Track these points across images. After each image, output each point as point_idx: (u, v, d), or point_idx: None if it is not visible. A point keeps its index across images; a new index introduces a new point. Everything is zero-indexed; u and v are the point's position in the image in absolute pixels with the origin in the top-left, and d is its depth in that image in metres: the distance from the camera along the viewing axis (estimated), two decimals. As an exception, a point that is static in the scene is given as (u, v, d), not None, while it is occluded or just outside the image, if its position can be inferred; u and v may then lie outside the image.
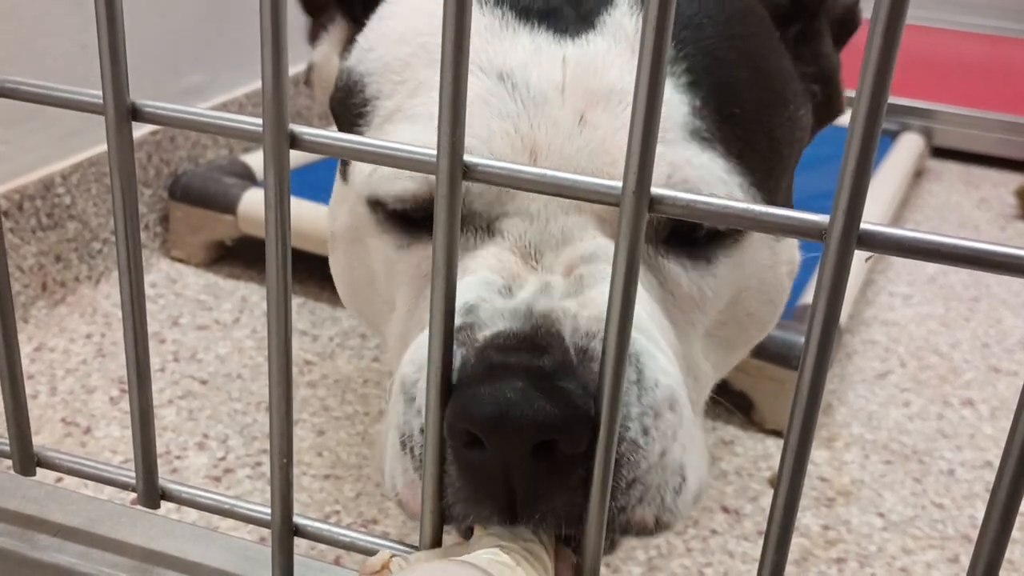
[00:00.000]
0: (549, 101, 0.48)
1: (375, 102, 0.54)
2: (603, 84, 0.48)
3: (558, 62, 0.49)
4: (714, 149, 0.49)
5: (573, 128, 0.48)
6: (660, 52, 0.28)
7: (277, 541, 0.40)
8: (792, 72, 0.57)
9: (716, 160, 0.49)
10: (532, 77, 0.49)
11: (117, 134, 0.35)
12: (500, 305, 0.46)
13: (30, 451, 0.45)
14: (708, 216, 0.30)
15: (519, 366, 0.42)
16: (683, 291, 0.52)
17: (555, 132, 0.48)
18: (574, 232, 0.49)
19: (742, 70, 0.51)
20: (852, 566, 0.84)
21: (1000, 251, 0.28)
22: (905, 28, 0.27)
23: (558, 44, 0.50)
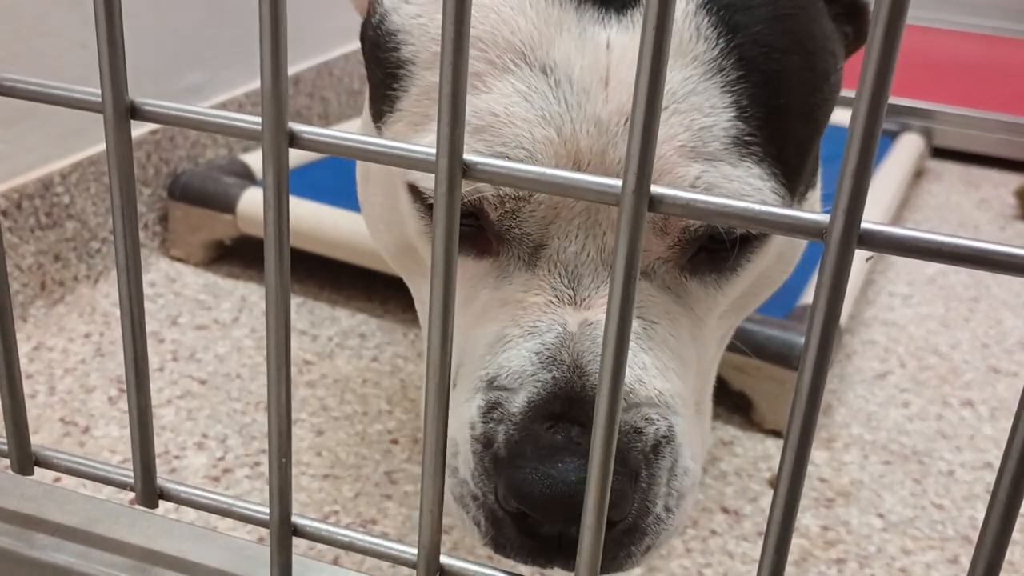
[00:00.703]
0: (592, 98, 0.47)
1: (411, 67, 0.51)
2: None
3: (602, 50, 0.47)
4: (752, 155, 0.48)
5: (618, 132, 0.47)
6: (661, 52, 0.28)
7: (276, 541, 0.40)
8: (832, 32, 0.54)
9: (752, 168, 0.48)
10: (575, 70, 0.47)
11: (116, 132, 0.35)
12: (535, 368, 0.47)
13: (28, 450, 0.45)
14: (708, 215, 0.30)
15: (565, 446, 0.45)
16: (703, 305, 0.52)
17: (599, 134, 0.47)
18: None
19: (793, 57, 0.49)
20: (852, 567, 0.84)
21: (1001, 250, 0.28)
22: (905, 28, 0.27)
23: (601, 24, 0.47)
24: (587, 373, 0.46)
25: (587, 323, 0.48)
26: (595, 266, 0.48)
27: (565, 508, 0.44)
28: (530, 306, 0.49)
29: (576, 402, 0.46)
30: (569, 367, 0.46)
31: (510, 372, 0.47)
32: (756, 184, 0.48)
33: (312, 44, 1.45)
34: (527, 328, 0.48)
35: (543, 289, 0.48)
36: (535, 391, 0.46)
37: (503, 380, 0.48)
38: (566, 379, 0.46)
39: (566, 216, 0.48)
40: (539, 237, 0.49)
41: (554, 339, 0.47)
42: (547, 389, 0.46)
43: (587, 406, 0.45)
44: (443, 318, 0.34)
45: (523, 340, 0.48)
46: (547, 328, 0.47)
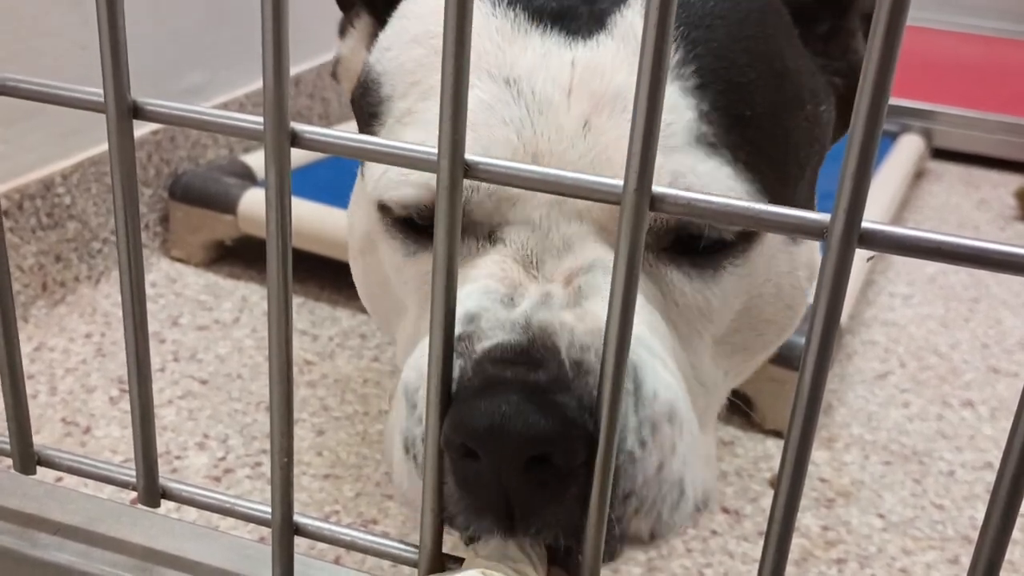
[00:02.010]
0: (554, 106, 0.48)
1: (389, 102, 0.54)
2: (609, 88, 0.48)
3: (567, 66, 0.49)
4: (720, 155, 0.49)
5: (577, 134, 0.48)
6: (661, 52, 0.28)
7: (277, 540, 0.40)
8: (812, 69, 0.55)
9: (722, 167, 0.48)
10: (538, 82, 0.48)
11: (118, 132, 0.35)
12: (501, 316, 0.46)
13: (31, 449, 0.45)
14: (709, 215, 0.30)
15: (515, 380, 0.42)
16: (687, 300, 0.52)
17: (558, 138, 0.48)
18: (574, 241, 0.49)
19: (754, 72, 0.50)
20: (852, 567, 0.84)
21: (1001, 250, 0.28)
22: (906, 29, 0.27)
23: (568, 47, 0.49)
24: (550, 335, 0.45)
25: (548, 295, 0.47)
26: (558, 252, 0.48)
27: (500, 436, 0.40)
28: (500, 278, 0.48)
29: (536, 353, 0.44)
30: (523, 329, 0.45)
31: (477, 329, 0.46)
32: (728, 183, 0.48)
33: (313, 45, 1.45)
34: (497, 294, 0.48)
35: (507, 268, 0.48)
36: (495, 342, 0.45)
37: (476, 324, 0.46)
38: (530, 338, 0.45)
39: (530, 207, 0.48)
40: (491, 225, 0.49)
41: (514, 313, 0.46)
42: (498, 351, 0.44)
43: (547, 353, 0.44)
44: (444, 320, 0.34)
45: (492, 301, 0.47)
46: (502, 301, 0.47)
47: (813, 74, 0.55)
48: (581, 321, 0.46)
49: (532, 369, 0.43)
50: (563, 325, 0.45)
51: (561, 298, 0.47)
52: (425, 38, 0.52)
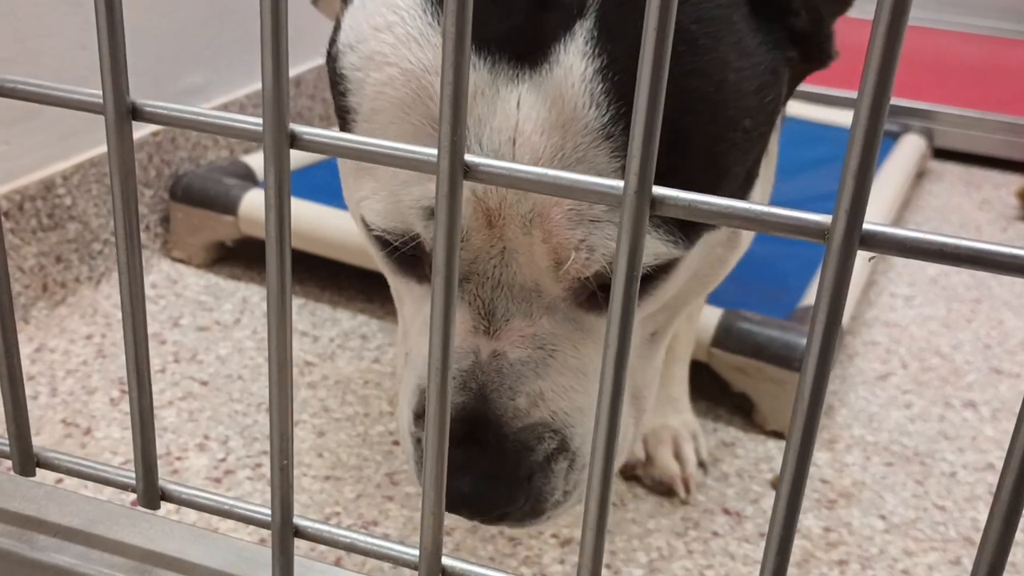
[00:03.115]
0: (501, 157, 0.50)
1: (354, 115, 0.55)
2: (547, 147, 0.49)
3: (512, 107, 0.49)
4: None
5: (518, 193, 0.51)
6: (661, 54, 0.28)
7: (277, 542, 0.40)
8: (759, 66, 0.53)
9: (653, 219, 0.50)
10: (485, 134, 0.50)
11: (117, 134, 0.35)
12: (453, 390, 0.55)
13: (30, 451, 0.45)
14: (710, 216, 0.30)
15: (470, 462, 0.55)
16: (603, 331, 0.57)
17: (502, 195, 0.51)
18: (526, 299, 0.55)
19: (689, 117, 0.50)
20: (854, 568, 0.84)
21: (1003, 251, 0.28)
22: (907, 29, 0.27)
23: (514, 82, 0.49)
24: (489, 400, 0.55)
25: (495, 353, 0.55)
26: (506, 301, 0.55)
27: (470, 509, 0.55)
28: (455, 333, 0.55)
29: (478, 425, 0.55)
30: (475, 394, 0.55)
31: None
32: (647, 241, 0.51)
33: (313, 45, 1.45)
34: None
35: (464, 319, 0.56)
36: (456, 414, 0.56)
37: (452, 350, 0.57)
38: (472, 404, 0.55)
39: (484, 258, 0.54)
40: (464, 272, 0.55)
41: (468, 365, 0.56)
42: (456, 412, 0.55)
43: (487, 429, 0.55)
44: (444, 319, 0.34)
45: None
46: (463, 356, 0.56)
47: (759, 67, 0.53)
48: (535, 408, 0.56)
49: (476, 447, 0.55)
50: (516, 413, 0.55)
51: (510, 361, 0.55)
52: (383, 63, 0.52)
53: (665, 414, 0.94)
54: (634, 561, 0.83)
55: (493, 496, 0.55)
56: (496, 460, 0.55)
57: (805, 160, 1.48)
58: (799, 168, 1.44)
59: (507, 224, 0.52)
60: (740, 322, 1.00)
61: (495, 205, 0.52)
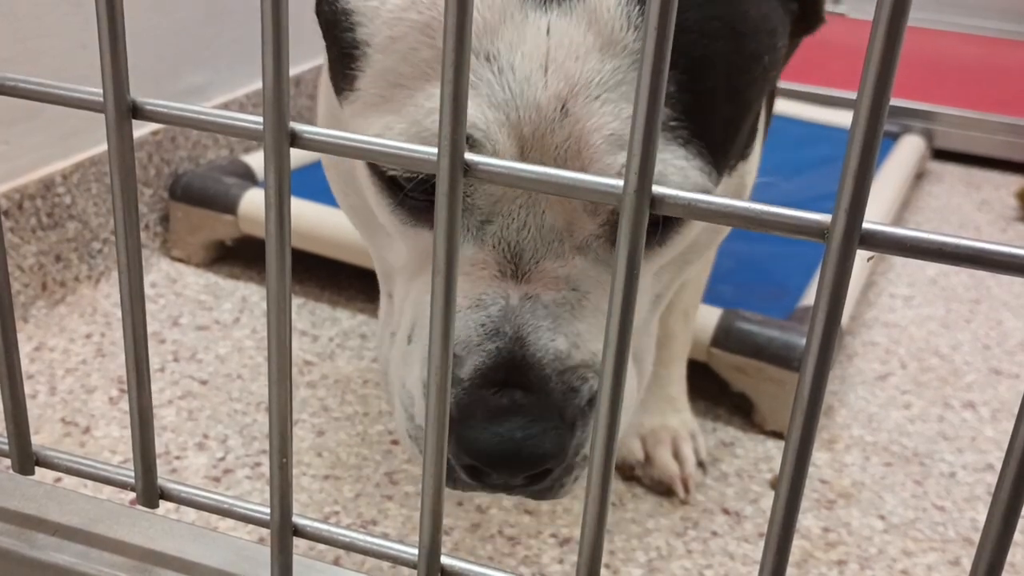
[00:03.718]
0: (532, 84, 0.49)
1: (366, 48, 0.52)
2: (583, 72, 0.48)
3: (543, 34, 0.49)
4: (677, 138, 0.50)
5: (555, 119, 0.49)
6: (662, 54, 0.28)
7: (276, 541, 0.40)
8: (773, 11, 0.55)
9: (677, 150, 0.50)
10: (516, 58, 0.49)
11: (117, 132, 0.35)
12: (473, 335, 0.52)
13: (29, 450, 0.45)
14: (709, 215, 0.30)
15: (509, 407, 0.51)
16: None
17: (539, 120, 0.49)
18: (557, 239, 0.52)
19: (721, 42, 0.51)
20: (853, 568, 0.84)
21: (1002, 250, 0.28)
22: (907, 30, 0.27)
23: (543, 9, 0.49)
24: (527, 343, 0.52)
25: (527, 296, 0.52)
26: (534, 242, 0.52)
27: (513, 461, 0.51)
28: (477, 280, 0.53)
29: (518, 369, 0.51)
30: (511, 338, 0.52)
31: (458, 341, 0.52)
32: (680, 164, 0.51)
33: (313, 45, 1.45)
34: (474, 300, 0.53)
35: (488, 264, 0.52)
36: (481, 360, 0.52)
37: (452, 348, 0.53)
38: (508, 349, 0.52)
39: (510, 195, 0.51)
40: (487, 213, 0.52)
41: (497, 312, 0.52)
42: (491, 358, 0.51)
43: (528, 372, 0.51)
44: (444, 318, 0.34)
45: (470, 312, 0.53)
46: (491, 301, 0.52)
47: (774, 12, 0.55)
48: (576, 351, 0.52)
49: (519, 391, 0.51)
50: (558, 355, 0.52)
51: (547, 304, 0.52)
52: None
53: (664, 414, 0.94)
54: (633, 561, 0.83)
55: (543, 443, 0.50)
56: (543, 403, 0.51)
57: (805, 160, 1.48)
58: (799, 168, 1.44)
59: (541, 155, 0.50)
60: (740, 322, 1.00)
61: (529, 133, 0.49)
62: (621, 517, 0.88)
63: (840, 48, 1.93)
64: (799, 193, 1.35)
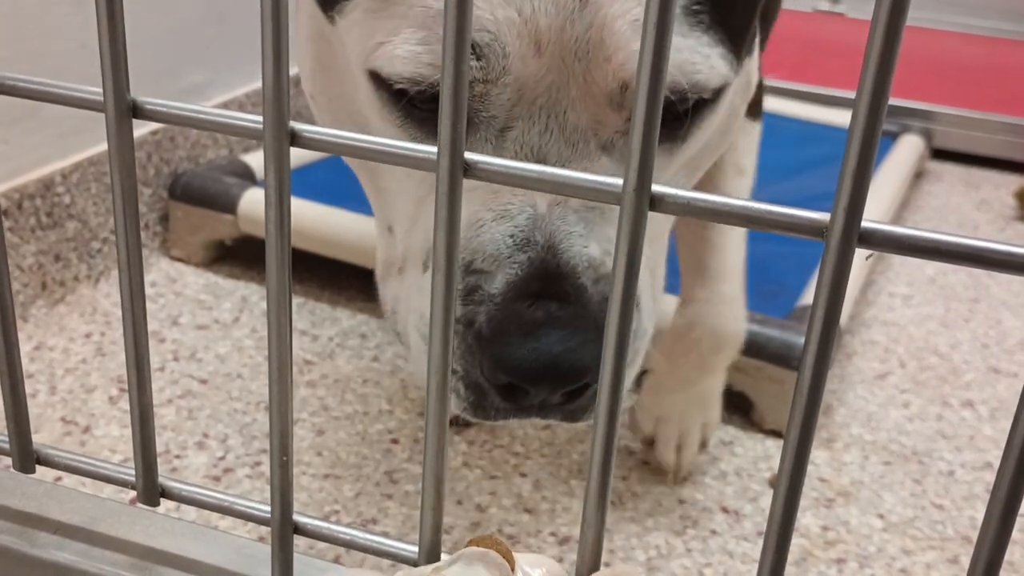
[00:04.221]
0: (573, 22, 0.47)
1: None
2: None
3: None
4: (701, 24, 0.48)
5: (575, 7, 0.47)
6: (661, 51, 0.28)
7: (277, 539, 0.40)
8: None
9: (701, 37, 0.49)
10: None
11: (117, 131, 0.35)
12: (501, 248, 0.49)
13: (30, 448, 0.45)
14: (708, 214, 0.30)
15: (545, 320, 0.48)
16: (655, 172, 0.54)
17: (555, 12, 0.47)
18: (582, 138, 0.49)
19: None
20: (852, 566, 0.84)
21: (1001, 249, 0.28)
22: (905, 29, 0.27)
23: None
24: (560, 251, 0.49)
25: (556, 202, 0.49)
26: (558, 145, 0.50)
27: (553, 376, 0.48)
28: (500, 189, 0.50)
29: (552, 279, 0.48)
30: (543, 247, 0.49)
31: (486, 255, 0.50)
32: (705, 52, 0.49)
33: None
34: (499, 211, 0.50)
35: None
36: (512, 272, 0.49)
37: (480, 263, 0.50)
38: (541, 258, 0.49)
39: (529, 97, 0.49)
40: (504, 120, 0.49)
41: (526, 220, 0.49)
42: (524, 269, 0.48)
43: (563, 282, 0.48)
44: (443, 316, 0.34)
45: (496, 223, 0.50)
46: (518, 211, 0.49)
47: None
48: (609, 257, 0.48)
49: (563, 306, 0.48)
50: (591, 262, 0.49)
51: (574, 209, 0.49)
52: None
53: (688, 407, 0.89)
54: (633, 559, 0.83)
55: (583, 355, 0.47)
56: (580, 314, 0.48)
57: (805, 160, 1.48)
58: (799, 168, 1.44)
59: (560, 49, 0.47)
60: (739, 321, 1.00)
61: (546, 26, 0.46)
62: (621, 516, 0.88)
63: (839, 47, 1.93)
64: (798, 192, 1.35)
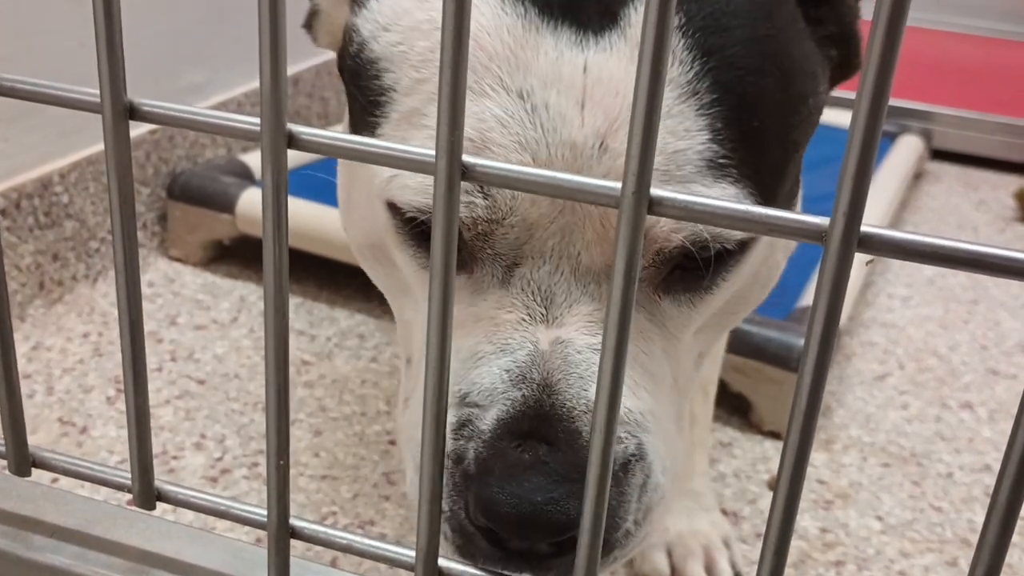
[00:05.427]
0: (568, 122, 0.47)
1: (392, 94, 0.51)
2: (624, 104, 0.46)
3: (579, 72, 0.47)
4: (727, 176, 0.48)
5: (592, 155, 0.47)
6: (660, 53, 0.28)
7: (273, 543, 0.40)
8: (813, 54, 0.53)
9: (727, 188, 0.48)
10: (551, 95, 0.47)
11: (114, 133, 0.35)
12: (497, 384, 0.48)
13: (26, 451, 0.44)
14: (708, 218, 0.30)
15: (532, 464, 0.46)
16: (676, 322, 0.52)
17: (572, 157, 0.47)
18: (593, 279, 0.48)
19: (768, 79, 0.49)
20: (850, 569, 0.84)
21: (1000, 254, 0.28)
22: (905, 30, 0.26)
23: (580, 47, 0.47)
24: (556, 391, 0.47)
25: (558, 341, 0.48)
26: (568, 284, 0.49)
27: (531, 525, 0.45)
28: (503, 323, 0.49)
29: (545, 420, 0.47)
30: (539, 385, 0.47)
31: (481, 389, 0.48)
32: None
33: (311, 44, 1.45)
34: (499, 345, 0.49)
35: (516, 307, 0.49)
36: (504, 409, 0.47)
37: (474, 396, 0.49)
38: (535, 397, 0.47)
39: (540, 236, 0.48)
40: (512, 257, 0.49)
41: (525, 357, 0.48)
42: (516, 407, 0.47)
43: (556, 424, 0.46)
44: (442, 322, 0.34)
45: (495, 357, 0.49)
46: (518, 346, 0.48)
47: (813, 55, 0.54)
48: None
49: (552, 451, 0.46)
50: (588, 406, 0.47)
51: (577, 348, 0.48)
52: (431, 30, 0.50)
53: (691, 515, 0.83)
54: (631, 562, 0.83)
55: (567, 508, 0.44)
56: (570, 461, 0.45)
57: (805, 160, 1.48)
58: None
59: None
60: (737, 322, 1.00)
61: (563, 169, 0.45)
62: (619, 517, 0.88)
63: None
64: (797, 193, 1.35)
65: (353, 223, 0.61)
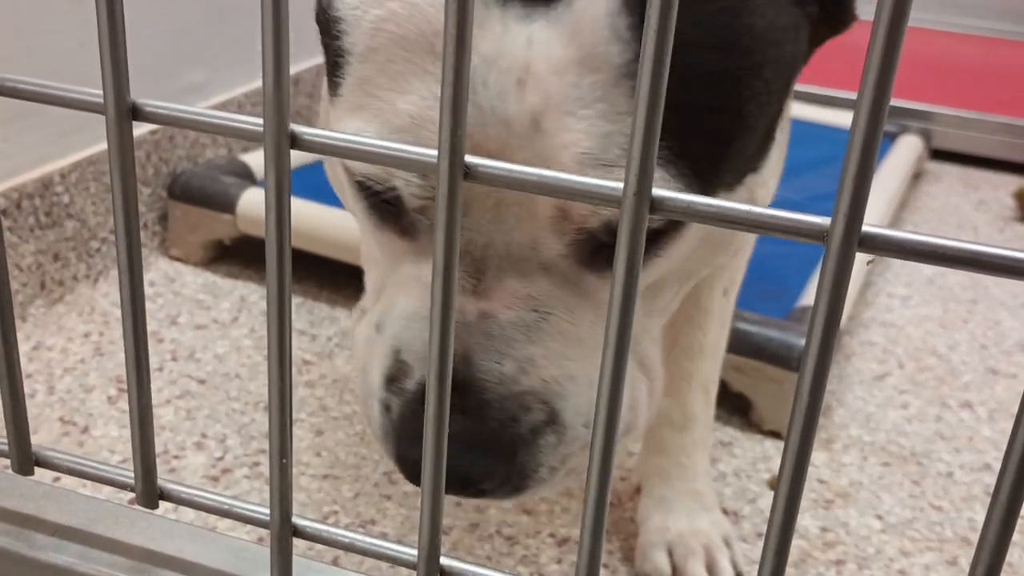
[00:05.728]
0: (505, 99, 0.46)
1: (348, 57, 0.51)
2: (561, 87, 0.46)
3: (522, 47, 0.46)
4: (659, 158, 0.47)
5: (526, 134, 0.47)
6: (662, 52, 0.28)
7: (276, 542, 0.40)
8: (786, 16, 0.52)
9: (658, 169, 0.47)
10: (492, 74, 0.46)
11: (117, 133, 0.35)
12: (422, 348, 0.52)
13: (28, 450, 0.44)
14: (709, 217, 0.30)
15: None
16: (604, 294, 0.53)
17: (507, 136, 0.47)
18: (521, 257, 0.50)
19: (715, 54, 0.48)
20: (850, 568, 0.84)
21: (1000, 253, 0.28)
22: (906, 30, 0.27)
23: (527, 20, 0.46)
24: (472, 364, 0.51)
25: (484, 314, 0.51)
26: (499, 259, 0.51)
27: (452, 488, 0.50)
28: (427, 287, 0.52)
29: (457, 390, 0.49)
30: (459, 358, 0.50)
31: (410, 350, 0.54)
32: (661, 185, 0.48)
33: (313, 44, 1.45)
34: (420, 319, 0.53)
35: None
36: (424, 374, 0.52)
37: (404, 355, 0.54)
38: (454, 369, 0.50)
39: (476, 211, 0.50)
40: None
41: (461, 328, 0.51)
42: None
43: (468, 394, 0.51)
44: (443, 321, 0.34)
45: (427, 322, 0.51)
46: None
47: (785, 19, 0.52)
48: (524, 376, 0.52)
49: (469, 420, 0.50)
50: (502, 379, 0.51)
51: (504, 324, 0.51)
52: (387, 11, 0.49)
53: (691, 514, 0.83)
54: (632, 560, 0.83)
55: (471, 470, 0.50)
56: (477, 430, 0.51)
57: (805, 160, 1.48)
58: (799, 168, 1.44)
59: None
60: (738, 322, 1.00)
61: (496, 149, 0.47)
62: (620, 516, 0.88)
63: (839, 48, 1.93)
64: (798, 194, 1.35)
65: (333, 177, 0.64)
